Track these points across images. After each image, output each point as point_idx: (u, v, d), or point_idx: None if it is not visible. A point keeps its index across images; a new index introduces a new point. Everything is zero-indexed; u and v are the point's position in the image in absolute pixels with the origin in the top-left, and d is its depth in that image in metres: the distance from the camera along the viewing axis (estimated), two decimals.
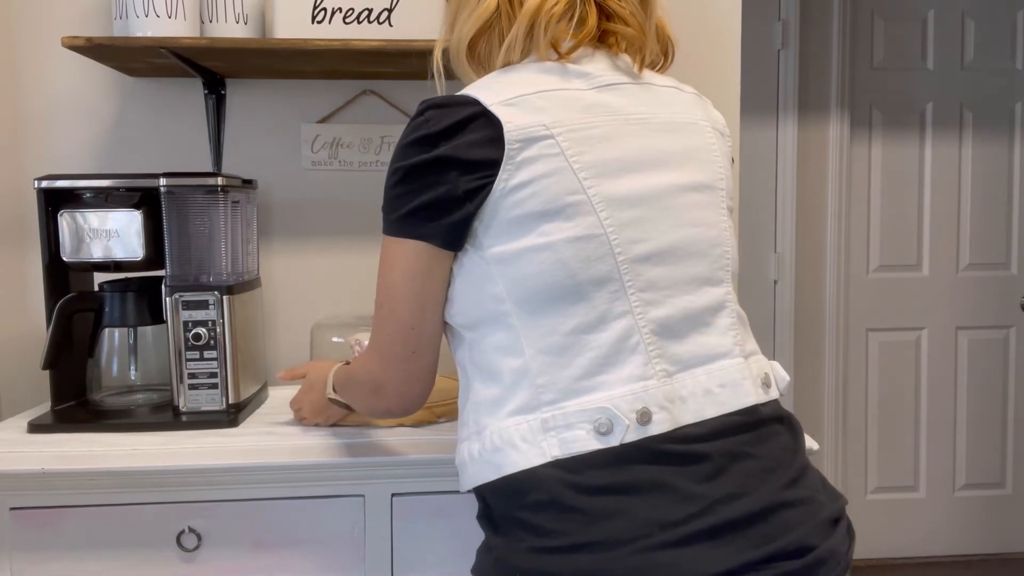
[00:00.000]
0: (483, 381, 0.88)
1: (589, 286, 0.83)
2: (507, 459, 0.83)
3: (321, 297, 1.74)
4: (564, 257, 0.83)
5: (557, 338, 0.83)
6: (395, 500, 1.24)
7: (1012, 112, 2.94)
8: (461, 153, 0.83)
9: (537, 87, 0.85)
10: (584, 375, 0.83)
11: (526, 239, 0.83)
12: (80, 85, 1.68)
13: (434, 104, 0.86)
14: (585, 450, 0.81)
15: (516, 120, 0.83)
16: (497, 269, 0.84)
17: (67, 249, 1.37)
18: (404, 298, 0.89)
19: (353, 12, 1.51)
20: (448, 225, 0.85)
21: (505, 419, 0.85)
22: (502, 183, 0.82)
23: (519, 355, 0.84)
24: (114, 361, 1.45)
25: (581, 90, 0.87)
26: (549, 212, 0.83)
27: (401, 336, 0.90)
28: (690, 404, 0.85)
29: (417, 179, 0.85)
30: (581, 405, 0.82)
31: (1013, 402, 3.02)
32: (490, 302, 0.86)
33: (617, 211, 0.84)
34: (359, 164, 1.73)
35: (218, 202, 1.40)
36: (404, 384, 0.94)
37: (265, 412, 1.48)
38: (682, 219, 0.88)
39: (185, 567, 1.22)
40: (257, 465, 1.21)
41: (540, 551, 0.80)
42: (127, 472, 1.19)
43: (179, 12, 1.45)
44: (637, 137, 0.87)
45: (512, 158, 0.82)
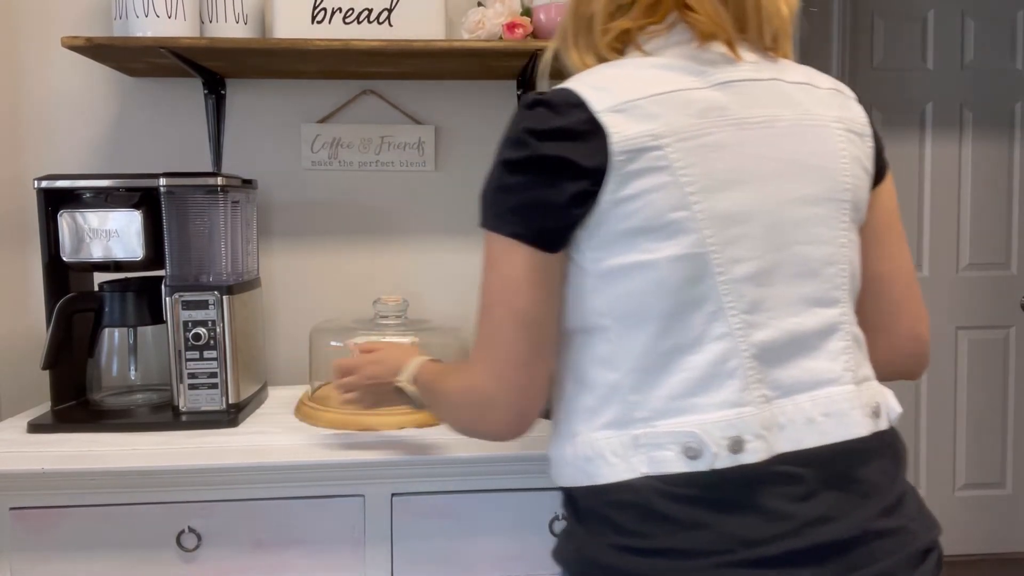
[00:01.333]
0: (577, 388, 0.87)
1: (687, 307, 0.80)
2: (598, 470, 0.83)
3: (321, 297, 1.74)
4: (664, 276, 0.80)
5: (653, 357, 0.81)
6: (395, 500, 1.24)
7: (1012, 112, 2.94)
8: (572, 156, 0.79)
9: (651, 89, 0.81)
10: (676, 396, 0.81)
11: (628, 256, 0.80)
12: (80, 85, 1.68)
13: (543, 101, 0.82)
14: (673, 471, 0.79)
15: (624, 130, 0.79)
16: (596, 283, 0.83)
17: (67, 249, 1.37)
18: (524, 292, 0.82)
19: (353, 12, 1.51)
20: (547, 228, 0.82)
21: (598, 431, 0.84)
22: (608, 195, 0.79)
23: (615, 369, 0.83)
24: (114, 361, 1.45)
25: (697, 89, 0.82)
26: (652, 228, 0.79)
27: (524, 335, 0.83)
28: (788, 432, 0.81)
29: (521, 174, 0.81)
30: (671, 426, 0.80)
31: (1013, 402, 3.02)
32: (590, 314, 0.84)
33: (721, 229, 0.80)
34: (359, 164, 1.73)
35: (218, 202, 1.40)
36: (523, 394, 0.85)
37: (265, 412, 1.48)
38: (792, 236, 0.83)
39: (185, 567, 1.22)
40: (257, 465, 1.21)
41: (620, 549, 0.80)
42: (127, 472, 1.19)
43: (179, 12, 1.45)
44: (753, 145, 0.82)
45: (618, 170, 0.79)
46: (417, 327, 1.54)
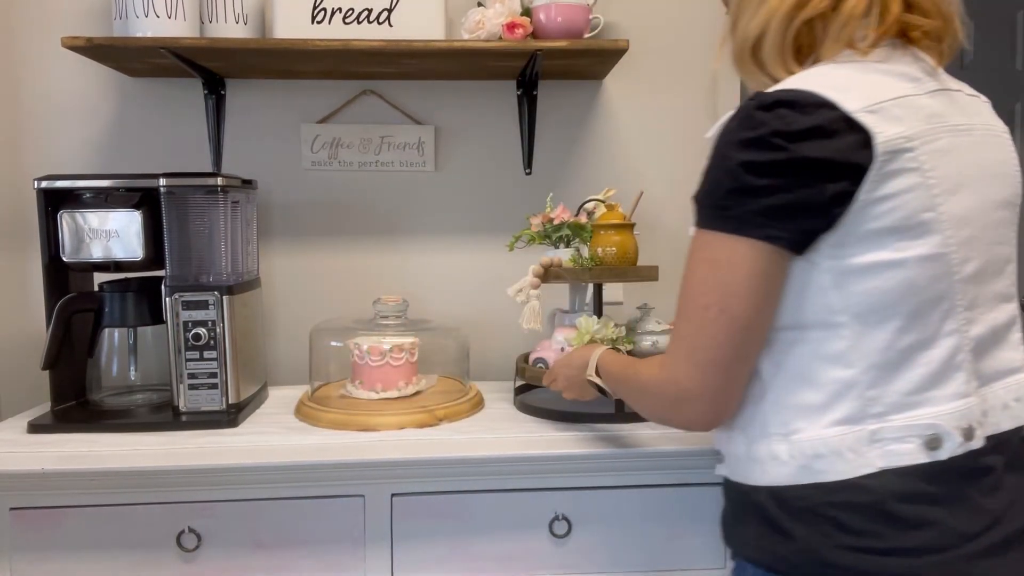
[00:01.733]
0: (793, 385, 0.87)
1: (928, 305, 0.83)
2: (831, 467, 0.84)
3: (321, 297, 1.74)
4: (912, 276, 0.82)
5: (892, 354, 0.83)
6: (395, 500, 1.24)
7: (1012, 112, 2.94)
8: (828, 154, 0.79)
9: (887, 93, 0.82)
10: (914, 391, 0.83)
11: (878, 254, 0.82)
12: (80, 85, 1.68)
13: (784, 100, 0.81)
14: (912, 463, 0.82)
15: (884, 130, 0.80)
16: (837, 280, 0.83)
17: (67, 249, 1.37)
18: (745, 297, 0.83)
19: (353, 12, 1.51)
20: (804, 230, 0.82)
21: (828, 428, 0.84)
22: (864, 194, 0.80)
23: (848, 366, 0.84)
24: (114, 361, 1.45)
25: (917, 96, 0.84)
26: (903, 228, 0.81)
27: (735, 339, 0.85)
28: (990, 417, 0.86)
29: (772, 176, 0.80)
30: (909, 420, 0.83)
31: None
32: (822, 311, 0.84)
33: (957, 230, 0.84)
34: (359, 164, 1.73)
35: (218, 202, 1.40)
36: (723, 393, 0.87)
37: (265, 412, 1.48)
38: (994, 236, 0.88)
39: (185, 567, 1.22)
40: (257, 465, 1.21)
41: (854, 550, 0.82)
42: (127, 472, 1.19)
43: (179, 12, 1.45)
44: (965, 151, 0.86)
45: (878, 170, 0.80)
46: (417, 327, 1.54)
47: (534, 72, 1.62)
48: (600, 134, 1.77)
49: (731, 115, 0.85)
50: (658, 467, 1.27)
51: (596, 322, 1.37)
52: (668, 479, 1.27)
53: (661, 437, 1.29)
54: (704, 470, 1.27)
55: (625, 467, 1.26)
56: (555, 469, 1.25)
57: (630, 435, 1.30)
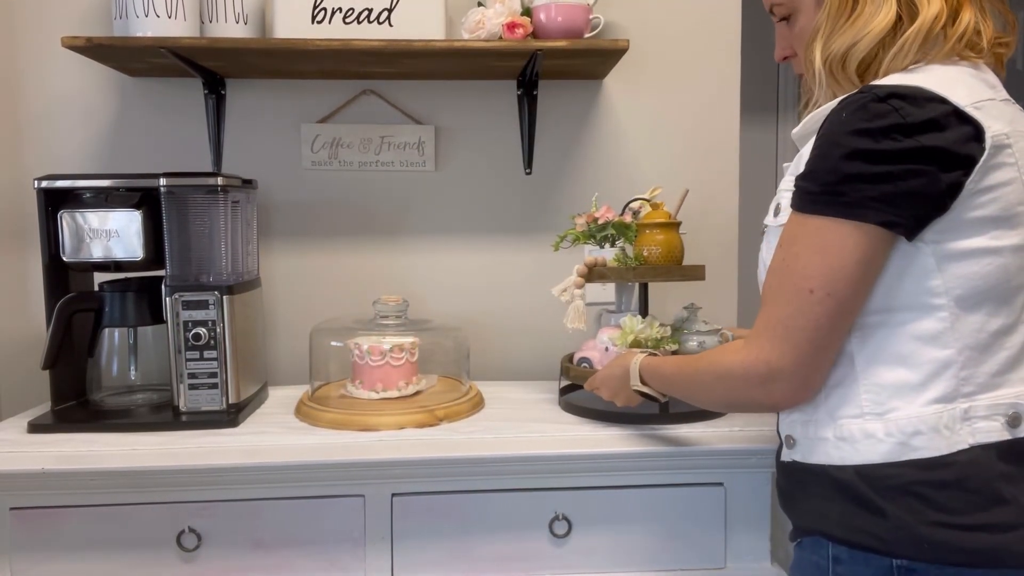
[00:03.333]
0: (886, 364, 0.91)
1: (1014, 292, 0.90)
2: (929, 443, 0.88)
3: (321, 297, 1.74)
4: (1007, 263, 0.88)
5: (984, 336, 0.89)
6: (395, 500, 1.24)
7: None
8: (947, 146, 0.84)
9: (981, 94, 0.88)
10: (998, 372, 0.90)
11: (978, 240, 0.87)
12: (80, 85, 1.68)
13: (898, 94, 0.85)
14: (996, 440, 0.88)
15: (991, 125, 0.86)
16: (940, 264, 0.88)
17: (67, 249, 1.37)
18: (852, 281, 0.88)
19: (353, 12, 1.51)
20: (920, 216, 0.86)
21: (925, 406, 0.89)
22: (972, 184, 0.85)
23: (945, 347, 0.89)
24: (114, 361, 1.45)
25: (998, 101, 0.90)
26: (1003, 218, 0.87)
27: (836, 322, 0.89)
28: None
29: (891, 164, 0.84)
30: (994, 399, 0.89)
31: None
32: (923, 293, 0.89)
33: None
34: (359, 164, 1.73)
35: (218, 202, 1.40)
36: (816, 373, 0.92)
37: (265, 412, 1.48)
38: None
39: (185, 567, 1.22)
40: (257, 465, 1.21)
41: (947, 526, 0.86)
42: (127, 472, 1.19)
43: (179, 12, 1.45)
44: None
45: (986, 162, 0.85)
46: (417, 327, 1.54)
47: (534, 72, 1.62)
48: (600, 134, 1.77)
49: (836, 108, 0.88)
50: (658, 467, 1.27)
51: (640, 322, 1.37)
52: (668, 479, 1.27)
53: (662, 437, 1.29)
54: (704, 470, 1.27)
55: (625, 467, 1.26)
56: (555, 469, 1.25)
57: (631, 435, 1.30)
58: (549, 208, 1.77)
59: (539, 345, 1.76)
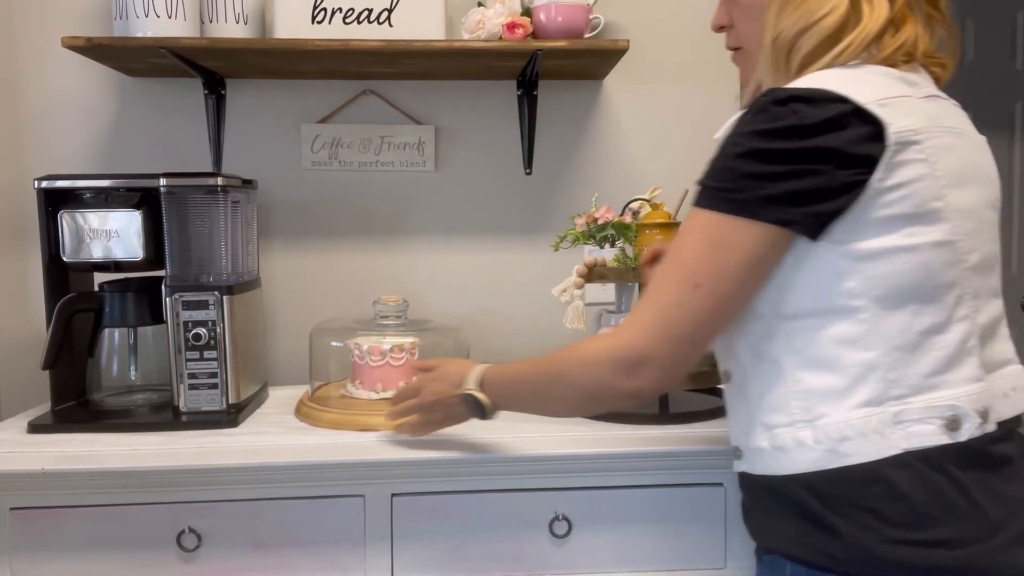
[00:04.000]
0: (812, 370, 0.89)
1: (941, 289, 0.87)
2: (857, 449, 0.86)
3: (321, 297, 1.74)
4: (927, 260, 0.86)
5: (910, 336, 0.86)
6: (395, 500, 1.24)
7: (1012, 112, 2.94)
8: (841, 146, 0.83)
9: (892, 91, 0.87)
10: (932, 373, 0.86)
11: (891, 238, 0.85)
12: (80, 85, 1.68)
13: (798, 96, 0.85)
14: (932, 444, 0.84)
15: (895, 122, 0.84)
16: (853, 265, 0.86)
17: (67, 249, 1.37)
18: (741, 281, 0.87)
19: (353, 12, 1.51)
20: (817, 214, 0.85)
21: (852, 410, 0.87)
22: (876, 182, 0.84)
23: (868, 349, 0.86)
24: (114, 361, 1.45)
25: (916, 98, 0.89)
26: (916, 216, 0.85)
27: (712, 322, 0.89)
28: (997, 404, 0.89)
29: (786, 164, 0.84)
30: (928, 401, 0.86)
31: None
32: (837, 295, 0.87)
33: (962, 220, 0.88)
34: (359, 164, 1.73)
35: (218, 202, 1.40)
36: (682, 362, 0.91)
37: (265, 412, 1.48)
38: (990, 234, 0.93)
39: (185, 567, 1.22)
40: (257, 465, 1.21)
41: (901, 543, 0.83)
42: (127, 472, 1.19)
43: (179, 12, 1.45)
44: (963, 150, 0.91)
45: (890, 159, 0.84)
46: (417, 327, 1.54)
47: (534, 72, 1.62)
48: (600, 134, 1.77)
49: (743, 111, 0.89)
50: (658, 467, 1.27)
51: None
52: (668, 479, 1.27)
53: (663, 437, 1.29)
54: (704, 470, 1.27)
55: (625, 467, 1.26)
56: (555, 469, 1.25)
57: (631, 435, 1.30)
58: (549, 208, 1.77)
59: (539, 345, 1.76)
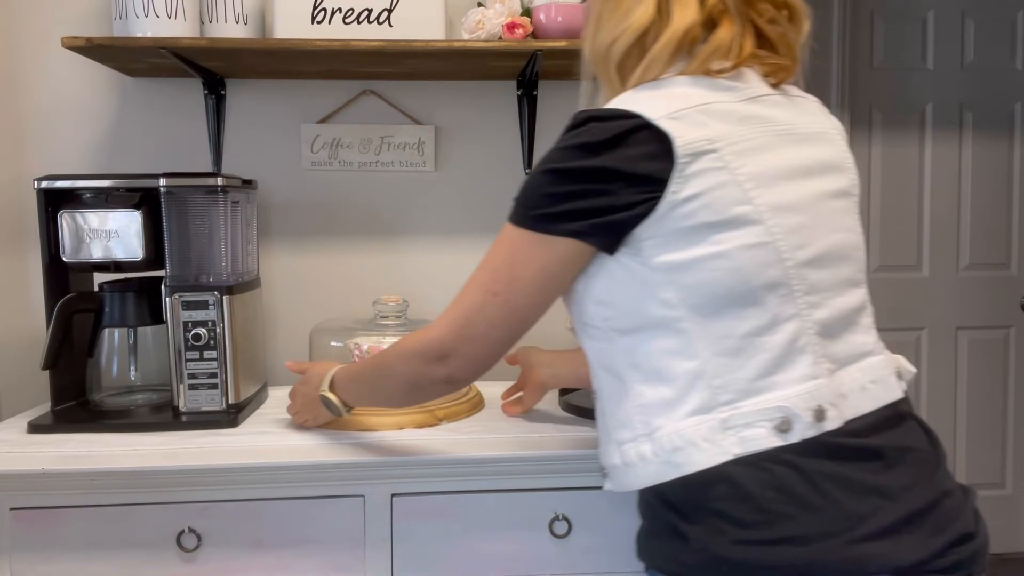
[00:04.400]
0: (649, 383, 0.90)
1: (761, 291, 0.87)
2: (688, 459, 0.86)
3: (321, 297, 1.74)
4: (739, 264, 0.86)
5: (732, 341, 0.87)
6: (395, 500, 1.24)
7: (1012, 112, 2.94)
8: (626, 165, 0.85)
9: (692, 101, 0.88)
10: (759, 375, 0.86)
11: (699, 248, 0.86)
12: (80, 85, 1.68)
13: (595, 116, 0.88)
14: (766, 447, 0.84)
15: (684, 135, 0.85)
16: (666, 276, 0.87)
17: (67, 249, 1.37)
18: (531, 294, 0.92)
19: (353, 12, 1.51)
20: (604, 226, 0.87)
21: (682, 420, 0.87)
22: (671, 195, 0.85)
23: (693, 358, 0.87)
24: (114, 361, 1.45)
25: (732, 102, 0.89)
26: (720, 223, 0.85)
27: (507, 326, 0.94)
28: (850, 400, 0.89)
29: (577, 182, 0.87)
30: (758, 404, 0.86)
31: (1013, 402, 3.02)
32: (656, 308, 0.88)
33: (782, 218, 0.87)
34: (359, 164, 1.73)
35: (218, 202, 1.40)
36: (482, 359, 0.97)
37: (265, 412, 1.48)
38: (833, 224, 0.92)
39: (185, 567, 1.22)
40: (257, 465, 1.21)
41: (746, 543, 0.83)
42: (127, 472, 1.19)
43: (179, 12, 1.45)
44: (786, 147, 0.91)
45: (681, 172, 0.84)
46: (417, 327, 1.54)
47: (534, 72, 1.62)
48: None
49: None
50: None
51: None
52: None
53: None
54: None
55: None
56: (555, 469, 1.25)
57: None
58: None
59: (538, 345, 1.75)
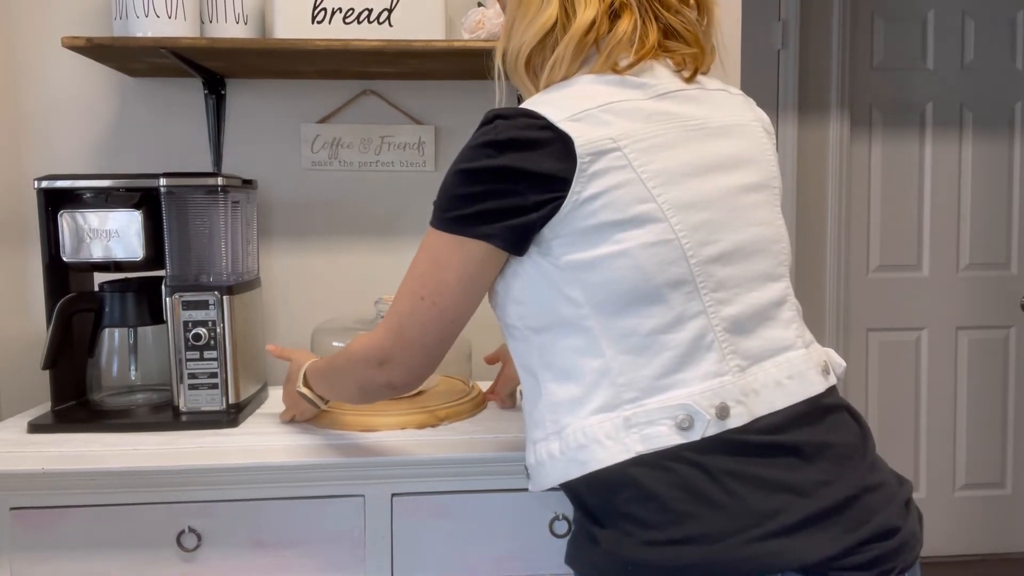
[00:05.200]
0: (558, 381, 0.91)
1: (665, 288, 0.87)
2: (592, 456, 0.86)
3: (321, 297, 1.74)
4: (640, 262, 0.86)
5: (636, 339, 0.87)
6: (395, 500, 1.24)
7: (1012, 112, 2.94)
8: (530, 165, 0.85)
9: (598, 101, 0.88)
10: (663, 373, 0.86)
11: (602, 247, 0.86)
12: (80, 85, 1.68)
13: (502, 115, 0.88)
14: (667, 445, 0.84)
15: (585, 135, 0.85)
16: (572, 275, 0.87)
17: (67, 249, 1.37)
18: (455, 295, 0.92)
19: (353, 12, 1.51)
20: (512, 228, 0.88)
21: (587, 417, 0.88)
22: (574, 195, 0.85)
23: (599, 356, 0.87)
24: (114, 361, 1.45)
25: (640, 100, 0.89)
26: (622, 221, 0.86)
27: (438, 328, 0.95)
28: (763, 396, 0.88)
29: (484, 183, 0.87)
30: (661, 402, 0.86)
31: (1013, 402, 3.02)
32: (565, 306, 0.89)
33: (686, 215, 0.87)
34: (359, 164, 1.73)
35: (218, 202, 1.40)
36: (421, 361, 0.98)
37: (265, 412, 1.48)
38: (746, 219, 0.92)
39: (185, 567, 1.22)
40: (257, 465, 1.21)
41: (651, 544, 0.83)
42: (127, 472, 1.19)
43: (179, 12, 1.45)
44: (697, 142, 0.90)
45: (583, 171, 0.85)
46: None
47: None
48: None
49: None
50: None
51: None
52: None
53: None
54: None
55: None
56: None
57: None
58: None
59: None
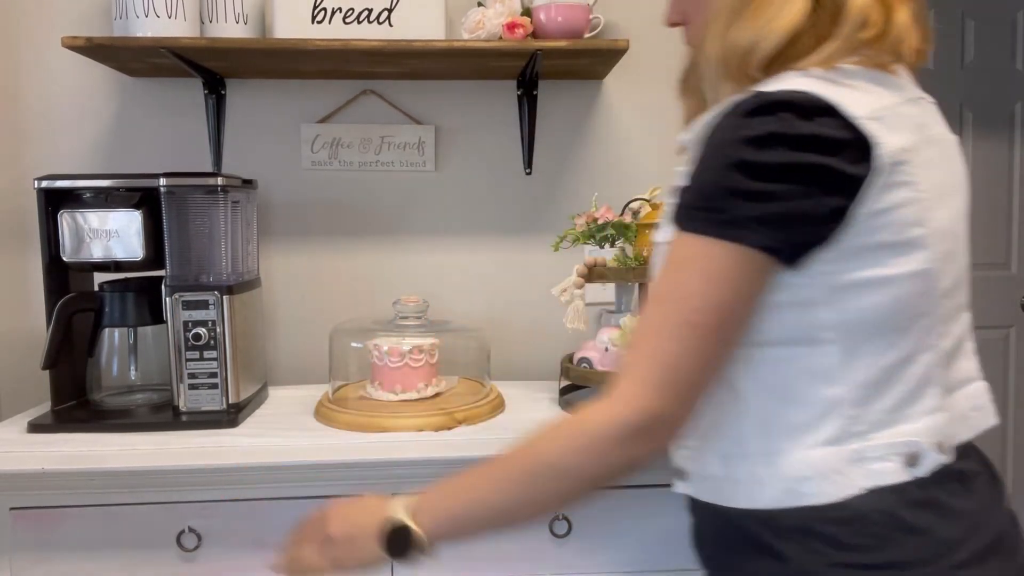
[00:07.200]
0: (776, 402, 0.82)
1: (911, 321, 0.80)
2: (817, 490, 0.80)
3: (321, 297, 1.74)
4: (903, 293, 0.79)
5: (876, 371, 0.80)
6: None
7: (1012, 112, 2.94)
8: (834, 164, 0.74)
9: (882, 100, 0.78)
10: (894, 408, 0.81)
11: (869, 271, 0.78)
12: (80, 85, 1.68)
13: (786, 102, 0.75)
14: (895, 482, 0.80)
15: (887, 140, 0.75)
16: (828, 296, 0.78)
17: (67, 249, 1.37)
18: (736, 310, 0.77)
19: (353, 12, 1.51)
20: (798, 244, 0.76)
21: (812, 448, 0.81)
22: (863, 208, 0.75)
23: (834, 384, 0.80)
24: (114, 361, 1.45)
25: (903, 104, 0.80)
26: (896, 244, 0.77)
27: (716, 360, 0.79)
28: (955, 427, 0.85)
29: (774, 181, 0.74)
30: (889, 437, 0.80)
31: (1013, 402, 3.02)
32: (808, 327, 0.80)
33: (940, 244, 0.80)
34: (359, 164, 1.73)
35: (218, 202, 1.40)
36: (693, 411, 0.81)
37: (265, 412, 1.48)
38: (962, 248, 0.86)
39: (185, 567, 1.22)
40: (257, 465, 1.21)
41: (847, 566, 0.79)
42: (127, 472, 1.19)
43: (179, 12, 1.45)
44: (944, 161, 0.83)
45: (878, 182, 0.75)
46: (437, 328, 1.52)
47: (534, 72, 1.62)
48: (600, 134, 1.77)
49: (723, 112, 0.79)
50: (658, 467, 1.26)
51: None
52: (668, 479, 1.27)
53: None
54: None
55: None
56: None
57: None
58: (549, 208, 1.77)
59: (539, 345, 1.76)
